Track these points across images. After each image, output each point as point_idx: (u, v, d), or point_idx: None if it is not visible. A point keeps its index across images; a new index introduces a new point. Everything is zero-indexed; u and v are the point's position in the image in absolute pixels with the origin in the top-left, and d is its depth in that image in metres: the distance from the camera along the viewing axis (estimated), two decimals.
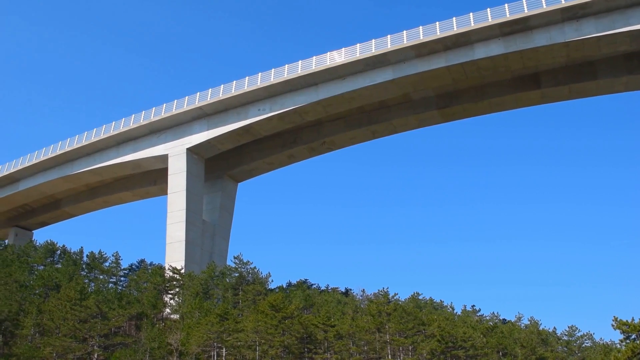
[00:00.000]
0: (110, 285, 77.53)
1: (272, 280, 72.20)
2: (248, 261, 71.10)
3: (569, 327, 73.40)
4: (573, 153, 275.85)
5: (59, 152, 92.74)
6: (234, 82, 79.72)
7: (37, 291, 63.70)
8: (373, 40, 72.35)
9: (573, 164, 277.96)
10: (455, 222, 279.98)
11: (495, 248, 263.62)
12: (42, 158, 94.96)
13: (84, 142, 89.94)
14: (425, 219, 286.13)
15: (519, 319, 78.54)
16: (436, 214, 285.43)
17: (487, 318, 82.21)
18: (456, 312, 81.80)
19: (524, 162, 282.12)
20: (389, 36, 71.60)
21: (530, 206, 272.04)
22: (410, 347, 52.40)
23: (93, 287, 70.96)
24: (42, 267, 78.99)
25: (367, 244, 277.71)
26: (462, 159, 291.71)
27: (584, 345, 71.37)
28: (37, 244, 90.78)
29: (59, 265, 78.58)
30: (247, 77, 78.80)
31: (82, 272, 77.22)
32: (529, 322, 73.09)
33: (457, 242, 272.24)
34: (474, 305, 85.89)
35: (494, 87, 77.72)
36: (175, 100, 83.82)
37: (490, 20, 66.32)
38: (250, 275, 70.10)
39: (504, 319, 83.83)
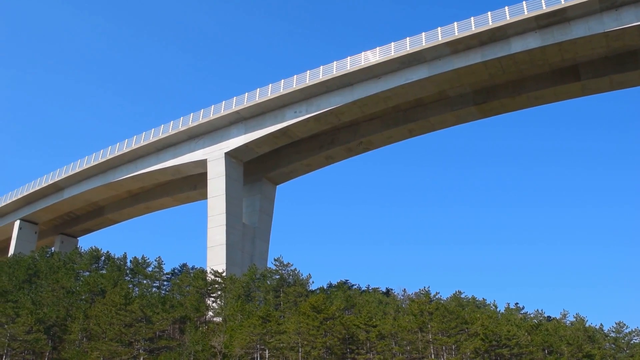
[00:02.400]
0: (154, 289, 78.64)
1: (313, 282, 72.20)
2: (288, 263, 71.56)
3: (616, 323, 71.51)
4: (613, 154, 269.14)
5: (101, 159, 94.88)
6: (270, 85, 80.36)
7: (83, 297, 65.25)
8: (407, 38, 71.93)
9: (615, 166, 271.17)
10: (495, 223, 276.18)
11: (535, 250, 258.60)
12: (85, 166, 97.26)
13: (125, 150, 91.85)
14: (464, 219, 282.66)
15: (564, 316, 76.90)
16: (475, 214, 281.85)
17: (532, 316, 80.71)
18: (499, 310, 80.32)
19: (568, 164, 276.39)
20: (423, 34, 71.06)
21: (576, 209, 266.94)
22: (453, 346, 51.92)
23: (137, 292, 72.11)
24: (88, 273, 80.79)
25: (407, 244, 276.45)
26: (502, 159, 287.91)
27: (632, 342, 69.59)
28: (82, 250, 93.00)
29: (104, 271, 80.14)
30: (282, 80, 79.40)
31: (126, 277, 78.55)
32: (574, 319, 71.62)
33: (498, 243, 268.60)
34: (517, 303, 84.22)
35: (532, 80, 76.35)
36: (213, 105, 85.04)
37: (526, 13, 65.19)
38: (291, 277, 70.34)
39: (548, 317, 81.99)
